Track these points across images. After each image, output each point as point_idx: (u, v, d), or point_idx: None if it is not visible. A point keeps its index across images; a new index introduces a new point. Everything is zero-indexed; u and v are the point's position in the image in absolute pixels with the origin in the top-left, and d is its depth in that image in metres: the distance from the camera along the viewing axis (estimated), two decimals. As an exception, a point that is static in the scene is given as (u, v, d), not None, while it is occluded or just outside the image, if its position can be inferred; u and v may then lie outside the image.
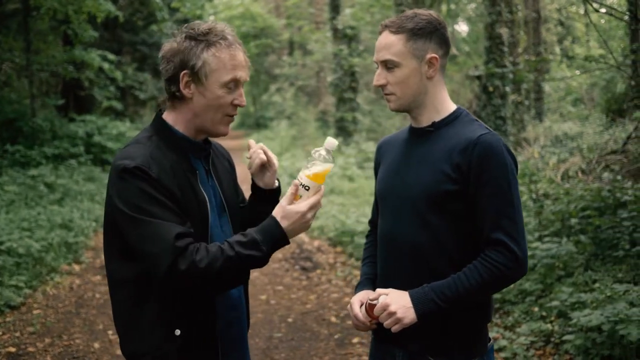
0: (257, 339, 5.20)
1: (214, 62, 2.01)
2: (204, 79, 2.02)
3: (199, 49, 2.00)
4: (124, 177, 1.94)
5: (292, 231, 1.99)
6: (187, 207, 2.00)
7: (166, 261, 1.86)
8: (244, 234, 1.96)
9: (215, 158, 2.24)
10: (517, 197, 2.05)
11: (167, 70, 2.04)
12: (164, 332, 2.01)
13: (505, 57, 13.74)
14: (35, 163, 11.99)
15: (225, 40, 2.04)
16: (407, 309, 2.01)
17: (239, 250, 1.92)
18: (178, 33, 2.06)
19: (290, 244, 8.77)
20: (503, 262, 2.00)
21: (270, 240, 1.96)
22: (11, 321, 5.58)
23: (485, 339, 2.18)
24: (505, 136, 13.43)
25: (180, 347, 2.02)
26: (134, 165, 1.93)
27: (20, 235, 7.37)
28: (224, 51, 2.02)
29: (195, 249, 1.90)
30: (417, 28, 2.09)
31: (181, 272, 1.87)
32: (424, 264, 2.10)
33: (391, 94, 2.15)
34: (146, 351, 2.04)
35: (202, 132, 2.12)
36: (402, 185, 2.16)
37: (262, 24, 31.13)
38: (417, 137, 2.20)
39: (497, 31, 13.55)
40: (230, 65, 2.03)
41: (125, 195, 1.93)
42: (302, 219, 1.99)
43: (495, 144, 2.04)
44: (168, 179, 1.97)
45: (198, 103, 2.05)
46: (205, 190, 2.09)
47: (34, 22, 14.38)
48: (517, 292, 5.51)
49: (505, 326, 5.07)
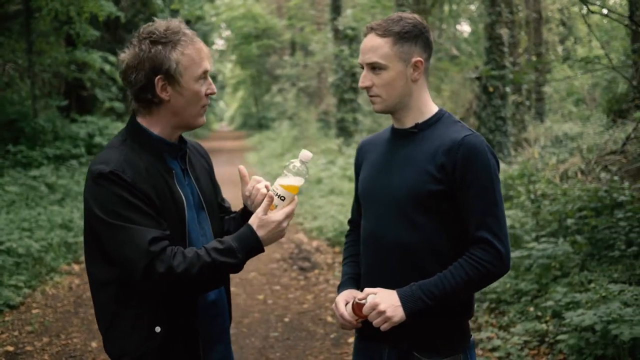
0: (253, 338, 5.23)
1: (184, 60, 2.03)
2: (180, 78, 2.04)
3: (166, 51, 2.01)
4: (99, 183, 1.97)
5: (267, 240, 2.05)
6: (164, 207, 2.03)
7: (141, 265, 1.90)
8: (220, 241, 2.01)
9: (192, 156, 2.27)
10: (500, 197, 2.10)
11: (138, 80, 2.03)
12: (145, 331, 2.04)
13: (506, 57, 13.74)
14: (36, 164, 12.04)
15: (186, 36, 2.06)
16: (395, 308, 2.05)
17: (215, 257, 1.96)
18: (136, 40, 2.05)
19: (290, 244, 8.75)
20: (488, 260, 2.05)
21: (246, 248, 2.01)
22: (10, 320, 5.62)
23: (467, 335, 2.23)
24: (506, 137, 13.44)
25: (160, 344, 2.05)
26: (108, 170, 1.96)
27: (20, 235, 7.41)
28: (189, 47, 2.05)
29: (172, 253, 1.93)
30: (403, 32, 2.13)
31: (158, 275, 1.90)
32: (411, 263, 2.13)
33: (377, 95, 2.17)
34: (127, 350, 2.07)
35: (182, 128, 2.15)
36: (386, 185, 2.19)
37: (263, 25, 31.18)
38: (400, 138, 2.23)
39: (497, 32, 13.55)
40: (198, 58, 2.06)
41: (101, 200, 1.97)
42: (277, 228, 2.05)
43: (478, 145, 2.08)
44: (143, 182, 1.99)
45: (177, 102, 2.07)
46: (182, 190, 2.12)
47: (36, 23, 14.43)
48: (513, 292, 5.53)
49: (500, 326, 5.10)
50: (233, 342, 5.05)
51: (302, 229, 9.69)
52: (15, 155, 12.20)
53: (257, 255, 2.07)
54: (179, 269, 1.92)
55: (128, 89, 2.09)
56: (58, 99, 16.36)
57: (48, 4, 13.70)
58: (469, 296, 2.20)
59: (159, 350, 2.05)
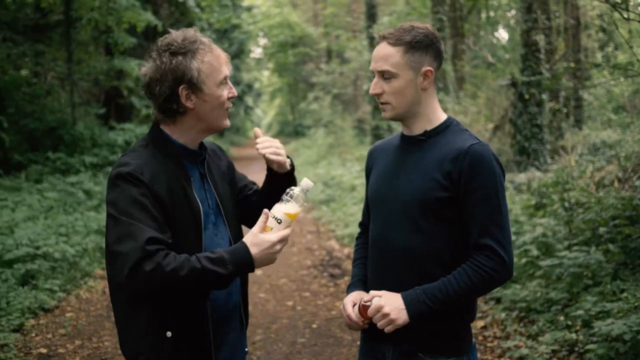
0: (281, 344, 5.26)
1: (204, 67, 2.09)
2: (202, 86, 2.10)
3: (187, 61, 2.07)
4: (117, 183, 2.04)
5: (259, 259, 2.06)
6: (179, 213, 2.08)
7: (131, 260, 1.93)
8: (213, 252, 2.03)
9: (210, 161, 2.31)
10: (505, 205, 2.15)
11: (163, 91, 2.09)
12: (156, 334, 2.08)
13: (542, 64, 13.59)
14: (74, 170, 12.29)
15: (204, 44, 2.12)
16: (399, 311, 2.09)
17: (205, 264, 1.98)
18: (155, 53, 2.10)
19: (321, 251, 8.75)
20: (491, 266, 2.09)
21: (237, 262, 2.03)
22: (44, 323, 5.75)
23: (470, 338, 2.27)
24: (542, 144, 13.28)
25: (172, 348, 2.09)
26: (126, 171, 2.03)
27: (57, 240, 7.57)
28: (208, 54, 2.11)
29: (163, 255, 1.96)
30: (414, 41, 2.17)
31: (145, 273, 1.93)
32: (415, 268, 2.18)
33: (387, 103, 2.23)
34: (140, 352, 2.12)
35: (207, 132, 2.21)
36: (394, 191, 2.24)
37: (300, 33, 31.37)
38: (409, 145, 2.28)
39: (533, 38, 13.41)
40: (217, 64, 2.13)
41: (114, 199, 2.03)
42: (270, 249, 2.06)
43: (485, 153, 2.13)
44: (160, 186, 2.05)
45: (201, 109, 2.13)
46: (199, 196, 2.17)
47: (75, 33, 14.76)
48: (543, 301, 5.46)
49: (529, 335, 5.04)
50: (260, 347, 5.11)
51: (334, 236, 9.71)
52: (54, 162, 12.48)
53: (288, 262, 2.10)
54: (168, 268, 1.94)
55: (152, 101, 2.15)
56: (96, 106, 16.68)
57: (87, 14, 14.02)
58: (472, 300, 2.24)
59: (170, 354, 2.09)
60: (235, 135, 39.90)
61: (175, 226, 2.07)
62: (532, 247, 6.28)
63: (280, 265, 7.75)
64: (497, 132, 14.53)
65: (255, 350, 5.14)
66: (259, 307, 6.27)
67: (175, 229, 2.07)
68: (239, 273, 2.06)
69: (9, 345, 5.09)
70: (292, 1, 33.04)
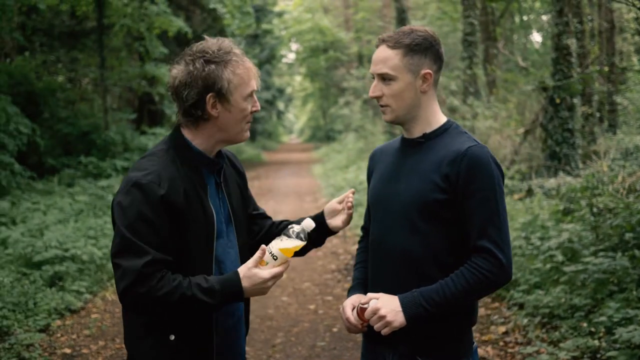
0: (300, 347, 5.28)
1: (235, 79, 2.12)
2: (230, 97, 2.12)
3: (219, 71, 2.09)
4: (132, 191, 2.05)
5: (249, 292, 2.09)
6: (194, 220, 2.10)
7: (127, 279, 1.98)
8: (206, 279, 2.06)
9: (226, 170, 2.34)
10: (503, 207, 2.14)
11: (190, 97, 2.11)
12: (158, 338, 2.11)
13: (574, 68, 13.42)
14: (106, 174, 12.50)
15: (237, 56, 2.14)
16: (396, 313, 2.10)
17: (195, 293, 2.02)
18: (189, 58, 2.12)
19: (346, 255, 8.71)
20: (488, 269, 2.08)
21: (226, 293, 2.06)
22: (70, 324, 5.85)
23: (470, 341, 2.26)
24: (573, 149, 13.09)
25: (174, 352, 2.11)
26: (145, 181, 2.04)
27: (85, 243, 7.71)
28: (240, 67, 2.14)
29: (159, 277, 2.00)
30: (413, 44, 2.18)
31: (136, 295, 1.99)
32: (414, 270, 2.18)
33: (386, 105, 2.24)
34: (142, 354, 2.15)
35: (225, 142, 2.24)
36: (393, 193, 2.24)
37: (331, 38, 31.45)
38: (409, 148, 2.28)
39: (564, 42, 13.25)
40: (247, 78, 2.15)
41: (125, 206, 2.05)
42: (262, 285, 2.09)
43: (482, 155, 2.13)
44: (176, 194, 2.07)
45: (224, 119, 2.15)
46: (214, 205, 2.19)
47: (108, 39, 15.02)
48: (567, 307, 5.39)
49: (551, 341, 4.98)
50: (280, 350, 5.14)
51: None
52: (86, 166, 12.70)
53: (312, 266, 2.12)
54: (159, 293, 1.99)
55: (177, 103, 2.18)
56: (128, 112, 16.92)
57: (120, 21, 14.26)
58: (472, 303, 2.23)
59: (171, 357, 2.12)
60: (267, 140, 40.15)
61: (188, 233, 2.10)
62: (557, 252, 6.20)
63: (304, 269, 7.78)
64: (527, 136, 14.38)
65: (274, 353, 5.17)
66: (280, 311, 6.30)
67: (188, 237, 2.10)
68: (226, 303, 2.09)
69: (35, 345, 5.19)
70: (324, 6, 33.13)
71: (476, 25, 18.12)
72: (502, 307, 5.96)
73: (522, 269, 6.26)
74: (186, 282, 2.03)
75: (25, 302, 5.88)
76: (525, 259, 6.44)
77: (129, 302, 2.02)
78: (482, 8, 19.56)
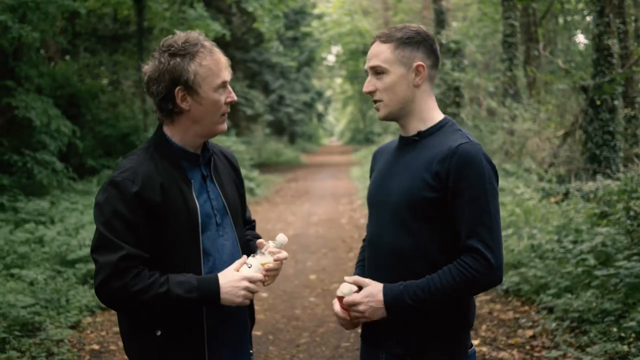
0: (324, 347, 5.29)
1: (202, 71, 2.12)
2: (198, 89, 2.12)
3: (185, 63, 2.10)
4: (108, 189, 2.10)
5: (225, 288, 2.09)
6: (174, 214, 2.12)
7: (102, 273, 2.01)
8: (185, 276, 2.08)
9: (218, 162, 2.35)
10: (494, 206, 2.10)
11: (160, 91, 2.13)
12: (145, 333, 2.13)
13: (615, 69, 13.15)
14: (144, 175, 12.67)
15: (205, 48, 2.14)
16: (375, 310, 2.11)
17: (172, 288, 2.03)
18: (157, 53, 2.14)
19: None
20: (475, 268, 2.05)
21: (203, 289, 2.07)
22: (100, 321, 5.97)
23: (466, 345, 2.21)
24: (614, 152, 12.82)
25: (161, 347, 2.12)
26: (119, 179, 2.08)
27: (119, 242, 7.83)
28: (207, 58, 2.13)
29: (134, 274, 2.02)
30: (405, 37, 2.19)
31: (111, 290, 2.01)
32: (406, 269, 2.15)
33: (379, 100, 2.23)
34: (132, 351, 2.18)
35: (203, 136, 2.23)
36: (386, 192, 2.23)
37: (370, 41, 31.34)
38: (404, 146, 2.27)
39: (605, 43, 13.00)
40: (216, 69, 2.15)
41: (101, 203, 2.09)
42: (237, 283, 2.10)
43: (473, 152, 2.09)
44: (151, 190, 2.08)
45: (196, 111, 2.16)
46: (200, 199, 2.20)
47: (148, 42, 15.27)
48: (597, 312, 5.28)
49: (579, 345, 4.88)
50: (304, 350, 5.15)
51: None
52: (125, 167, 12.89)
53: (343, 267, 2.13)
54: (134, 289, 2.01)
55: (152, 99, 2.20)
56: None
57: (159, 24, 14.48)
58: (467, 306, 2.19)
59: (159, 352, 2.12)
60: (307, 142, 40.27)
61: (168, 228, 2.11)
62: (590, 256, 6.08)
63: (335, 270, 7.77)
64: (567, 139, 14.15)
65: (298, 353, 5.18)
66: (307, 311, 6.32)
67: (169, 231, 2.11)
68: (204, 300, 2.09)
69: (64, 341, 5.31)
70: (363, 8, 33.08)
71: (516, 26, 17.89)
72: (531, 311, 5.87)
73: (553, 273, 6.16)
74: (163, 279, 2.04)
75: (57, 299, 6.02)
76: (556, 262, 6.33)
77: (105, 296, 2.05)
78: (524, 9, 19.32)
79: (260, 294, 6.96)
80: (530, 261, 6.63)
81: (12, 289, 5.89)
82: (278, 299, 6.75)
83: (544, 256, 6.65)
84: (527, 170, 13.46)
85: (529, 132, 14.85)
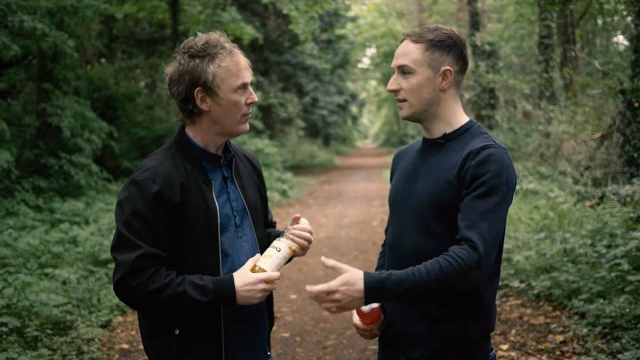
0: (351, 350, 5.27)
1: (221, 72, 2.13)
2: (217, 90, 2.14)
3: (204, 64, 2.12)
4: (129, 188, 2.13)
5: (240, 291, 2.09)
6: (194, 215, 2.13)
7: (121, 272, 2.04)
8: (201, 278, 2.09)
9: (240, 164, 2.36)
10: (504, 210, 2.05)
11: (180, 92, 2.16)
12: (163, 332, 2.15)
13: (654, 71, 12.88)
14: (177, 177, 12.81)
15: (225, 49, 2.15)
16: (351, 300, 1.97)
17: (187, 289, 2.05)
18: (178, 54, 2.17)
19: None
20: (462, 256, 1.95)
21: (219, 291, 2.08)
22: (131, 321, 6.04)
23: (486, 348, 2.18)
24: (653, 155, 12.56)
25: (180, 346, 2.14)
26: (141, 178, 2.11)
27: (151, 242, 7.92)
28: (227, 59, 2.14)
29: (151, 272, 2.04)
30: (436, 39, 2.15)
31: (129, 287, 2.04)
32: None
33: (403, 100, 2.19)
34: (151, 350, 2.20)
35: (225, 136, 2.24)
36: (410, 194, 2.20)
37: (404, 43, 31.22)
38: (429, 148, 2.23)
39: (643, 43, 12.74)
40: (235, 70, 2.16)
41: (122, 201, 2.12)
42: (254, 285, 2.10)
43: (496, 155, 2.05)
44: (172, 190, 2.11)
45: (216, 112, 2.17)
46: (219, 200, 2.21)
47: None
48: (630, 318, 5.17)
49: (610, 352, 4.79)
50: (331, 352, 5.14)
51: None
52: (159, 168, 13.05)
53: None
54: (151, 287, 2.03)
55: (174, 100, 2.23)
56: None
57: (193, 28, 14.63)
58: (486, 310, 2.14)
59: (177, 351, 2.14)
60: (341, 145, 40.28)
61: (188, 228, 2.13)
62: (624, 261, 5.96)
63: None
64: (604, 141, 13.90)
65: (325, 355, 5.18)
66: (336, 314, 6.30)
67: (188, 231, 2.13)
68: (219, 303, 2.10)
69: (94, 340, 5.39)
70: (398, 11, 32.97)
71: (553, 27, 17.65)
72: (563, 316, 5.77)
73: (586, 277, 6.05)
74: (179, 279, 2.06)
75: (89, 299, 6.11)
76: (589, 266, 6.22)
77: (122, 294, 2.07)
78: (561, 10, 19.04)
79: (289, 296, 6.98)
80: (562, 265, 6.53)
81: (46, 288, 6.00)
82: (307, 300, 6.75)
83: (576, 260, 6.54)
84: (562, 173, 13.27)
85: (564, 135, 14.63)
